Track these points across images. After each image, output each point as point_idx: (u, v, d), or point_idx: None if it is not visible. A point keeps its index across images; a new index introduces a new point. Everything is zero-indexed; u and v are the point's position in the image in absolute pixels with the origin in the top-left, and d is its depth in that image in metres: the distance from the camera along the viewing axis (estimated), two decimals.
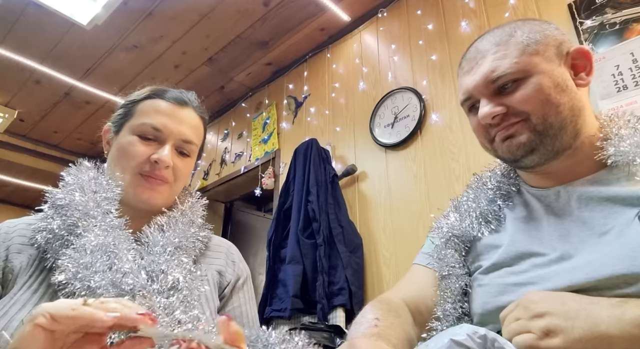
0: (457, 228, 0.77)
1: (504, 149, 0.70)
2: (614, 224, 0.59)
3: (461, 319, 0.70)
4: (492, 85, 0.70)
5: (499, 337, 0.49)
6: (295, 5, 2.39)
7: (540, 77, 0.67)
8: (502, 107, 0.68)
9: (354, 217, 2.10)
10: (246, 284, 0.87)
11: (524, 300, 0.56)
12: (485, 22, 1.88)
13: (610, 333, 0.48)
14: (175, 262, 0.71)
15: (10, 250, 0.70)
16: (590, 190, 0.65)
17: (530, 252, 0.66)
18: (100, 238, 0.67)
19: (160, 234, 0.74)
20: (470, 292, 0.72)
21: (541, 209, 0.71)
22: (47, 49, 2.72)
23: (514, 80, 0.68)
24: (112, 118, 0.85)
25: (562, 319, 0.51)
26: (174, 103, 0.82)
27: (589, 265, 0.57)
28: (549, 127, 0.66)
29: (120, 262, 0.66)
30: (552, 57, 0.69)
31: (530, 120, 0.67)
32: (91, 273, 0.63)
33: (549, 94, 0.66)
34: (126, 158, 0.77)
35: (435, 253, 0.78)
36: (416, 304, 0.76)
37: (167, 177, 0.78)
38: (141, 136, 0.78)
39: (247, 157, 3.00)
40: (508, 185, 0.79)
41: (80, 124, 3.62)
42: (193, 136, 0.82)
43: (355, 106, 2.35)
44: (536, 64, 0.67)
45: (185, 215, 0.80)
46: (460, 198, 0.83)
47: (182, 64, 2.88)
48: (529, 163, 0.70)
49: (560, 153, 0.68)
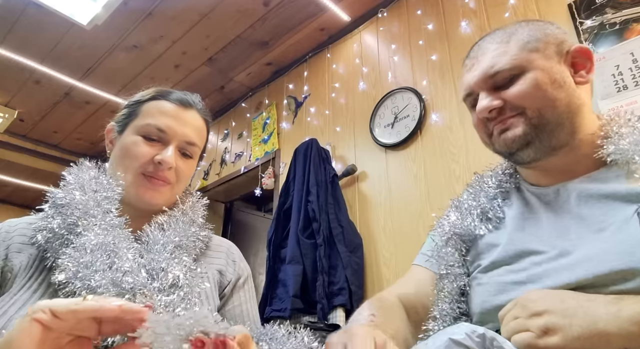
0: (459, 227, 0.78)
1: (500, 142, 0.72)
2: (612, 221, 0.60)
3: (458, 319, 0.70)
4: (490, 80, 0.71)
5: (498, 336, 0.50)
6: (295, 5, 2.39)
7: (536, 73, 0.68)
8: (499, 101, 0.70)
9: (354, 217, 2.10)
10: (247, 283, 0.88)
11: (522, 299, 0.57)
12: (485, 22, 1.88)
13: (608, 330, 0.49)
14: (175, 260, 0.71)
15: (10, 249, 0.70)
16: (589, 187, 0.65)
17: (529, 250, 0.66)
18: (100, 237, 0.67)
19: (161, 233, 0.75)
20: (469, 291, 0.72)
21: (540, 207, 0.71)
22: (47, 49, 2.72)
23: (511, 76, 0.69)
24: (116, 118, 0.85)
25: (561, 317, 0.51)
26: (178, 105, 0.82)
27: (587, 262, 0.58)
28: (545, 122, 0.67)
29: (121, 261, 0.66)
30: (551, 54, 0.70)
31: (526, 114, 0.68)
32: (91, 272, 0.63)
33: (545, 89, 0.67)
34: (129, 158, 0.77)
35: (435, 251, 0.79)
36: (412, 302, 0.77)
37: (170, 178, 0.79)
38: (145, 137, 0.79)
39: (247, 157, 3.00)
40: (508, 183, 0.80)
41: (80, 124, 3.62)
42: (196, 138, 0.83)
43: (355, 106, 2.35)
44: (534, 60, 0.69)
45: (186, 214, 0.81)
46: (461, 197, 0.83)
47: (182, 64, 2.88)
48: (525, 157, 0.71)
49: (557, 150, 0.69)
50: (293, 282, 1.88)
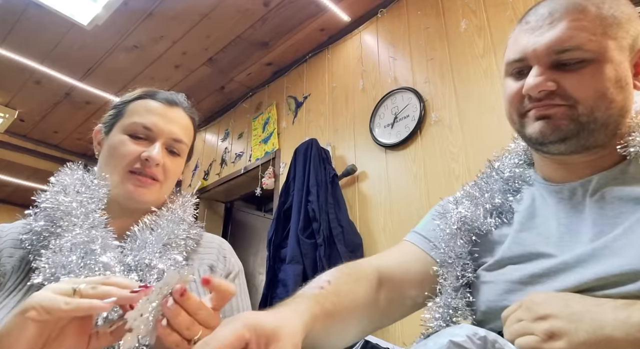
0: (469, 218, 0.73)
1: (535, 127, 0.64)
2: (625, 222, 0.58)
3: (458, 309, 0.68)
4: (554, 56, 0.61)
5: (500, 338, 0.49)
6: (295, 5, 2.39)
7: (607, 66, 0.60)
8: (553, 84, 0.61)
9: (354, 217, 2.10)
10: (238, 278, 0.88)
11: (527, 301, 0.55)
12: (485, 22, 1.88)
13: (615, 336, 0.47)
14: (162, 258, 0.72)
15: (2, 254, 0.71)
16: (607, 188, 0.63)
17: (537, 249, 0.64)
18: (78, 237, 0.67)
19: (149, 232, 0.75)
20: (473, 288, 0.70)
21: (553, 205, 0.67)
22: (47, 49, 2.72)
23: (579, 60, 0.60)
24: (103, 119, 0.86)
25: (566, 322, 0.50)
26: (164, 103, 0.83)
27: (596, 263, 0.56)
28: (592, 121, 0.61)
29: (96, 257, 0.66)
30: (625, 46, 0.62)
31: (576, 108, 0.61)
32: (68, 272, 0.63)
33: (608, 87, 0.60)
34: (116, 157, 0.78)
35: (443, 241, 0.74)
36: (391, 274, 0.73)
37: (157, 175, 0.79)
38: (132, 135, 0.79)
39: (247, 157, 3.00)
40: (521, 177, 0.75)
41: (81, 124, 3.62)
42: (183, 135, 0.84)
43: (355, 106, 2.35)
44: (609, 49, 0.60)
45: (175, 213, 0.81)
46: (473, 185, 0.78)
47: (182, 64, 2.88)
48: (554, 150, 0.65)
49: (589, 149, 0.64)
50: (293, 282, 1.88)
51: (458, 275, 0.70)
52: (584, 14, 0.61)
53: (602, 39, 0.60)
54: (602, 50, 0.60)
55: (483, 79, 1.81)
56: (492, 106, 1.74)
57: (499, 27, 1.82)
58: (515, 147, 0.80)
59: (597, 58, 0.60)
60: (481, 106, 1.78)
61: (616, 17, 0.61)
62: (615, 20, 0.61)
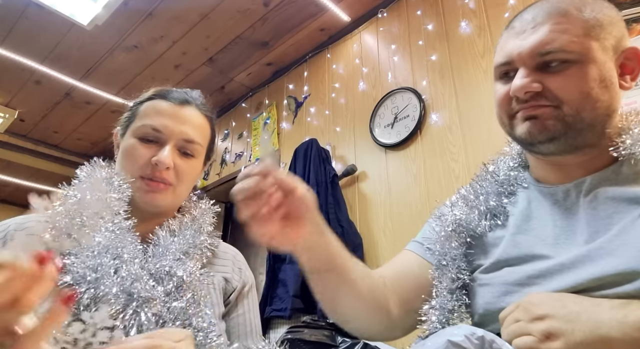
0: (464, 220, 0.74)
1: (523, 128, 0.65)
2: (619, 223, 0.58)
3: (454, 311, 0.68)
4: (539, 58, 0.63)
5: (497, 338, 0.49)
6: (296, 5, 2.39)
7: (590, 66, 0.61)
8: (538, 85, 0.63)
9: (354, 217, 2.10)
10: (251, 292, 0.88)
11: (524, 302, 0.55)
12: (485, 23, 1.88)
13: (611, 336, 0.47)
14: (181, 265, 0.71)
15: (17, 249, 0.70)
16: (600, 189, 0.63)
17: (533, 251, 0.64)
18: (107, 239, 0.66)
19: (171, 238, 0.74)
20: (470, 290, 0.71)
21: (547, 207, 0.68)
22: (47, 49, 2.72)
23: (563, 61, 0.62)
24: (120, 121, 0.84)
25: (563, 322, 0.50)
26: (175, 103, 0.80)
27: (592, 264, 0.56)
28: (578, 122, 0.62)
29: (127, 265, 0.65)
30: (609, 47, 0.63)
31: (562, 109, 0.62)
32: (100, 276, 0.62)
33: (592, 87, 0.61)
34: (128, 162, 0.76)
35: (437, 241, 0.75)
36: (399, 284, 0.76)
37: (169, 179, 0.76)
38: (142, 139, 0.77)
39: (247, 157, 3.00)
40: (516, 179, 0.75)
41: (81, 124, 3.62)
42: (196, 135, 0.80)
43: (355, 106, 2.35)
44: (592, 50, 0.61)
45: (196, 222, 0.79)
46: (468, 188, 0.79)
47: (182, 64, 2.88)
48: (543, 150, 0.66)
49: (579, 149, 0.65)
50: (293, 282, 1.88)
51: (453, 277, 0.70)
52: (565, 17, 0.63)
53: (584, 40, 0.61)
54: (585, 51, 0.61)
55: (483, 79, 1.81)
56: (492, 106, 1.71)
57: (499, 27, 1.82)
58: (510, 151, 0.81)
59: (580, 59, 0.61)
60: (481, 106, 1.79)
61: (598, 19, 0.63)
62: (597, 22, 0.63)
